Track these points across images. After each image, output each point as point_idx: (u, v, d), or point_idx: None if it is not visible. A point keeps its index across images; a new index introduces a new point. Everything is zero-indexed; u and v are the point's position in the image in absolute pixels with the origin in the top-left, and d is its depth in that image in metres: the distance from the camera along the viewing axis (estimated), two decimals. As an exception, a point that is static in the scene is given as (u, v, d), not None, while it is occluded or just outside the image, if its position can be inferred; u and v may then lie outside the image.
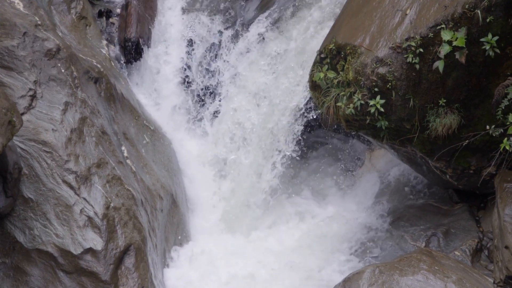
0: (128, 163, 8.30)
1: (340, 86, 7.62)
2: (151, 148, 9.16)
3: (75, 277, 7.21)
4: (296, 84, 9.17)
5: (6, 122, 6.55)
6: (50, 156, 7.47)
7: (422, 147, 7.66)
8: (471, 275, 6.96)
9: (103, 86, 8.57)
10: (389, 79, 7.26)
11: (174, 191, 9.08)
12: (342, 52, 7.63)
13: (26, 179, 7.36)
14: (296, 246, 9.09)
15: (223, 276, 8.50)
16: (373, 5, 7.65)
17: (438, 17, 7.06)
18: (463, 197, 8.47)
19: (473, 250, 7.67)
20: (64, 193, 7.39)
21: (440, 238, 8.00)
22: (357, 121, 7.64)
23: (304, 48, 9.23)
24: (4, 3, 8.08)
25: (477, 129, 7.35)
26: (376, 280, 6.77)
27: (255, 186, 9.57)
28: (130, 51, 10.14)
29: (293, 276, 8.51)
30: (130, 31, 10.11)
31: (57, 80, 7.90)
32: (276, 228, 9.49)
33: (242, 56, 9.94)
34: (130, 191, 7.85)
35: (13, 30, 7.85)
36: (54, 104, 7.77)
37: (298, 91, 9.14)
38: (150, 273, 7.61)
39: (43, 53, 7.92)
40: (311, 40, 9.17)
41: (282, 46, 9.55)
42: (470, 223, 8.07)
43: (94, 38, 9.49)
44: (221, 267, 8.64)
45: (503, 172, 7.25)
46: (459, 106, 7.31)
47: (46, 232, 7.27)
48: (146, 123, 9.32)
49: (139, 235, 7.64)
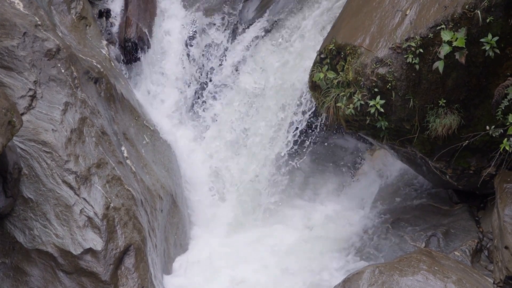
0: (128, 163, 8.30)
1: (340, 87, 7.62)
2: (151, 148, 9.16)
3: (75, 277, 7.21)
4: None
5: (6, 122, 6.55)
6: (50, 156, 7.47)
7: (422, 148, 7.66)
8: (471, 275, 6.96)
9: (103, 86, 8.56)
10: (389, 80, 7.26)
11: (174, 191, 9.08)
12: (342, 52, 7.63)
13: (26, 179, 7.36)
14: (296, 247, 9.08)
15: (223, 280, 8.49)
16: (373, 5, 7.65)
17: (438, 17, 7.06)
18: (463, 198, 8.48)
19: (473, 250, 7.67)
20: (64, 193, 7.39)
21: (440, 239, 8.00)
22: (357, 122, 7.64)
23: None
24: (4, 3, 8.07)
25: (477, 130, 7.35)
26: (376, 280, 6.77)
27: (255, 186, 9.58)
28: (130, 51, 10.14)
29: (293, 277, 8.51)
30: (130, 31, 10.10)
31: (57, 80, 7.90)
32: (276, 228, 9.48)
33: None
34: (130, 191, 7.85)
35: (13, 30, 7.84)
36: (54, 104, 7.76)
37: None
38: (150, 273, 7.61)
39: (43, 53, 7.92)
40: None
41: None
42: (470, 224, 8.07)
43: (94, 38, 9.48)
44: (221, 271, 8.64)
45: (503, 173, 7.25)
46: (459, 106, 7.31)
47: (46, 232, 7.27)
48: (146, 123, 9.32)
49: (139, 235, 7.64)
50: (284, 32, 9.63)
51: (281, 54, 9.60)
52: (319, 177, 10.18)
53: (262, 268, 8.71)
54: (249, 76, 9.81)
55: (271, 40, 9.74)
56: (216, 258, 8.90)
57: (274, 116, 9.40)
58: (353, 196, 9.84)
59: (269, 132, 9.47)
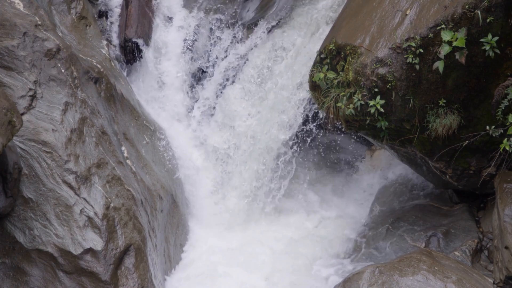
0: (128, 163, 8.30)
1: (340, 87, 7.62)
2: (151, 148, 9.16)
3: (75, 277, 7.21)
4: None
5: (6, 122, 6.55)
6: (50, 156, 7.47)
7: (422, 148, 7.66)
8: (471, 275, 6.96)
9: (103, 86, 8.57)
10: (389, 80, 7.26)
11: (174, 191, 9.08)
12: (342, 52, 7.63)
13: (26, 179, 7.36)
14: (295, 247, 9.08)
15: (223, 280, 8.48)
16: (373, 6, 7.65)
17: (438, 17, 7.06)
18: (463, 198, 8.47)
19: (473, 250, 7.67)
20: (64, 193, 7.39)
21: (440, 239, 8.00)
22: (357, 122, 7.64)
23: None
24: (4, 3, 8.08)
25: (477, 130, 7.35)
26: (376, 280, 6.77)
27: (255, 187, 9.57)
28: (130, 51, 10.14)
29: (293, 278, 8.51)
30: (130, 31, 10.10)
31: (57, 80, 7.90)
32: (276, 228, 9.49)
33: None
34: (130, 191, 7.85)
35: (13, 30, 7.85)
36: (54, 104, 7.77)
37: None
38: (150, 273, 7.61)
39: (43, 53, 7.92)
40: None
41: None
42: (470, 224, 8.06)
43: (94, 38, 9.49)
44: (221, 271, 8.63)
45: (503, 173, 7.25)
46: (459, 106, 7.30)
47: (46, 232, 7.27)
48: (146, 123, 9.32)
49: (139, 235, 7.64)
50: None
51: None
52: (319, 177, 10.18)
53: (262, 268, 8.71)
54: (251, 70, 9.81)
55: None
56: (216, 258, 8.89)
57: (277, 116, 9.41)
58: (353, 196, 9.85)
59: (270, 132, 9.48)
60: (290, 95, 9.23)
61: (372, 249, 8.49)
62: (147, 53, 10.26)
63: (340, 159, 10.29)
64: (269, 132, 9.41)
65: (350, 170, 10.21)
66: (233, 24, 10.24)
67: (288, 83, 9.31)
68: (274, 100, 9.43)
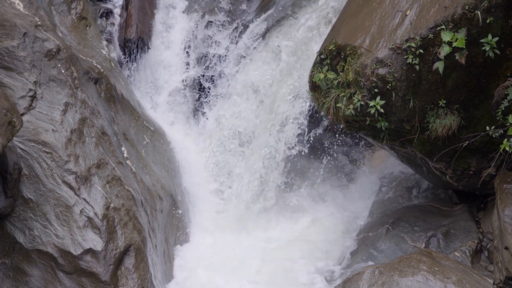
0: (128, 163, 8.30)
1: (340, 87, 7.62)
2: (151, 149, 9.16)
3: (75, 278, 7.21)
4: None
5: (6, 122, 6.55)
6: (50, 156, 7.47)
7: (422, 148, 7.66)
8: (471, 276, 6.97)
9: (103, 86, 8.57)
10: (389, 80, 7.26)
11: (174, 192, 9.08)
12: (342, 53, 7.63)
13: (26, 180, 7.36)
14: (295, 247, 9.08)
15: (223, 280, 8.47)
16: (373, 6, 7.65)
17: (438, 18, 7.06)
18: (463, 198, 8.47)
19: (473, 251, 7.67)
20: (64, 194, 7.39)
21: (440, 239, 8.00)
22: (357, 122, 7.64)
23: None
24: (4, 4, 8.08)
25: (477, 130, 7.35)
26: (376, 281, 6.77)
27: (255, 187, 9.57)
28: (130, 52, 10.14)
29: (293, 278, 8.50)
30: (130, 31, 10.10)
31: (57, 81, 7.90)
32: (276, 229, 9.49)
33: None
34: (130, 191, 7.85)
35: (13, 30, 7.85)
36: (54, 105, 7.77)
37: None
38: (150, 274, 7.61)
39: (43, 53, 7.92)
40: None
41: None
42: (470, 224, 8.06)
43: (94, 39, 9.49)
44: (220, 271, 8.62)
45: (503, 173, 7.25)
46: (459, 107, 7.31)
47: (46, 232, 7.27)
48: (146, 123, 9.32)
49: (139, 235, 7.64)
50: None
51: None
52: (319, 177, 10.18)
53: (261, 268, 8.71)
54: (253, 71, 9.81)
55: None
56: (216, 258, 8.89)
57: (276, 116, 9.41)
58: (353, 196, 9.85)
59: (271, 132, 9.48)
60: (288, 97, 9.24)
61: (372, 249, 8.49)
62: (147, 53, 10.26)
63: (340, 160, 10.28)
64: (269, 137, 9.41)
65: (350, 171, 10.20)
66: (233, 24, 10.24)
67: (285, 84, 9.31)
68: (273, 102, 9.44)
